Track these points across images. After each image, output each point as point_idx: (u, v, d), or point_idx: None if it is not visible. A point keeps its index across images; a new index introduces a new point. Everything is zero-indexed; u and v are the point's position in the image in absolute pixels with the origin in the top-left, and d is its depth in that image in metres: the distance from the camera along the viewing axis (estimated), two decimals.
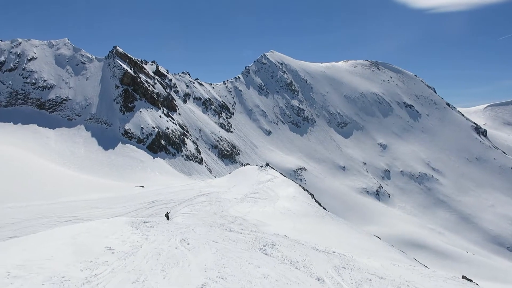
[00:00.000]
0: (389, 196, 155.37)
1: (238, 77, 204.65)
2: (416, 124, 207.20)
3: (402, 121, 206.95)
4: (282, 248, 18.80)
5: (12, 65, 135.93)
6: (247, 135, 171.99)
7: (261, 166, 60.97)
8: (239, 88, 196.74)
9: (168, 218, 28.79)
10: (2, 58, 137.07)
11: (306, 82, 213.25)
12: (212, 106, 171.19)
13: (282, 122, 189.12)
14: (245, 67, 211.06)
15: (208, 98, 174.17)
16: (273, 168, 60.60)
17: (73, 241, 15.12)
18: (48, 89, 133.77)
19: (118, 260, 13.38)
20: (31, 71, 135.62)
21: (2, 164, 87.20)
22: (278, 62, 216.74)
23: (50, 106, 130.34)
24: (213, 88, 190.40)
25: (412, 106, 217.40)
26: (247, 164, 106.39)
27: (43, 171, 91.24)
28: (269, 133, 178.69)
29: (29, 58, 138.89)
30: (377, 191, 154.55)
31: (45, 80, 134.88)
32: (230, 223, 29.71)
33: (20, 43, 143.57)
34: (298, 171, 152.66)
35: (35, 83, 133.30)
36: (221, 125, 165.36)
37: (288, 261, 16.66)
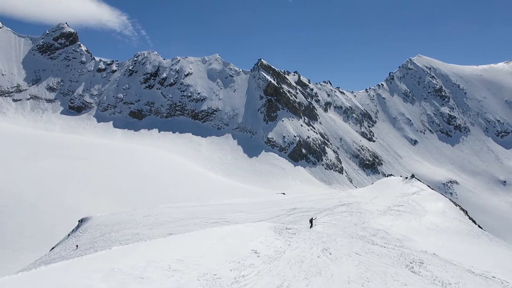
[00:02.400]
0: None
1: (381, 84, 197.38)
2: None
3: None
4: (432, 267, 17.37)
5: (172, 81, 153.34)
6: (390, 144, 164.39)
7: (406, 178, 57.47)
8: (382, 96, 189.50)
9: (312, 224, 29.02)
10: (164, 75, 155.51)
11: (459, 87, 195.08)
12: (354, 115, 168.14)
13: (430, 130, 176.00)
14: (389, 73, 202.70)
15: (350, 107, 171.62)
16: (419, 180, 56.62)
17: (222, 242, 16.22)
18: (201, 101, 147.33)
19: (263, 263, 13.91)
20: (187, 85, 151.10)
21: (162, 168, 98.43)
22: (426, 67, 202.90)
23: (203, 116, 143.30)
24: (355, 96, 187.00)
25: None
26: (391, 175, 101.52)
27: (196, 176, 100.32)
28: (415, 142, 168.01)
29: (186, 73, 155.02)
30: None
31: (198, 93, 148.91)
32: (372, 236, 28.59)
33: (179, 60, 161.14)
34: (448, 184, 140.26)
35: (190, 96, 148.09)
36: (363, 134, 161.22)
37: (439, 282, 15.30)
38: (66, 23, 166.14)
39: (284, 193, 76.66)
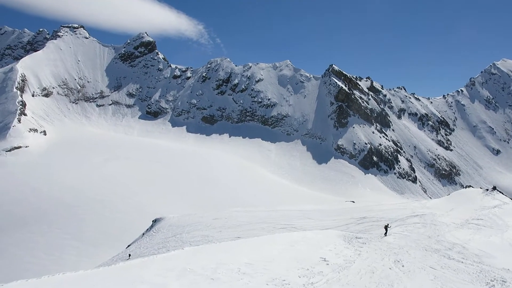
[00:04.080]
0: None
1: (461, 90, 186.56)
2: None
3: None
4: None
5: (243, 87, 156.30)
6: (469, 154, 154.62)
7: (487, 190, 53.77)
8: (462, 102, 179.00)
9: (386, 231, 28.16)
10: (236, 81, 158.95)
11: None
12: (429, 122, 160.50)
13: None
14: (470, 79, 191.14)
15: (425, 114, 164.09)
16: (502, 193, 52.71)
17: (291, 248, 16.26)
18: (271, 106, 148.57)
19: (332, 272, 13.74)
20: (258, 91, 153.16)
21: (232, 172, 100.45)
22: None
23: (272, 122, 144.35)
24: (431, 102, 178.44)
25: None
26: (469, 186, 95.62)
27: (264, 181, 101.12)
28: (497, 152, 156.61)
29: (256, 79, 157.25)
30: None
31: (269, 99, 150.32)
32: (447, 250, 27.09)
33: (250, 67, 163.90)
34: None
35: (260, 102, 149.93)
36: (439, 143, 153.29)
37: None
38: (145, 33, 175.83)
39: (353, 201, 75.12)
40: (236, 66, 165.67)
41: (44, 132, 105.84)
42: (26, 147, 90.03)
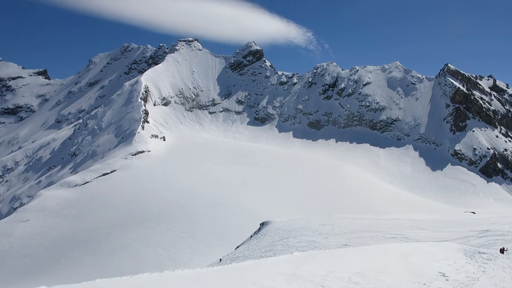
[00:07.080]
0: None
1: None
2: None
3: None
4: None
5: (350, 91, 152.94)
6: None
7: None
8: None
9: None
10: (342, 85, 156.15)
11: None
12: None
13: None
14: None
15: None
16: None
17: (404, 259, 15.33)
18: (380, 110, 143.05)
19: None
20: (365, 95, 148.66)
21: (339, 178, 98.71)
22: None
23: (381, 126, 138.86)
24: None
25: None
26: None
27: (373, 187, 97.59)
28: None
29: (364, 83, 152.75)
30: None
31: (377, 103, 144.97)
32: None
33: (357, 70, 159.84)
34: None
35: (368, 106, 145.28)
36: None
37: None
38: (253, 42, 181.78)
39: (474, 212, 69.21)
40: (342, 70, 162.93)
41: (164, 138, 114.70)
42: (148, 151, 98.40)
